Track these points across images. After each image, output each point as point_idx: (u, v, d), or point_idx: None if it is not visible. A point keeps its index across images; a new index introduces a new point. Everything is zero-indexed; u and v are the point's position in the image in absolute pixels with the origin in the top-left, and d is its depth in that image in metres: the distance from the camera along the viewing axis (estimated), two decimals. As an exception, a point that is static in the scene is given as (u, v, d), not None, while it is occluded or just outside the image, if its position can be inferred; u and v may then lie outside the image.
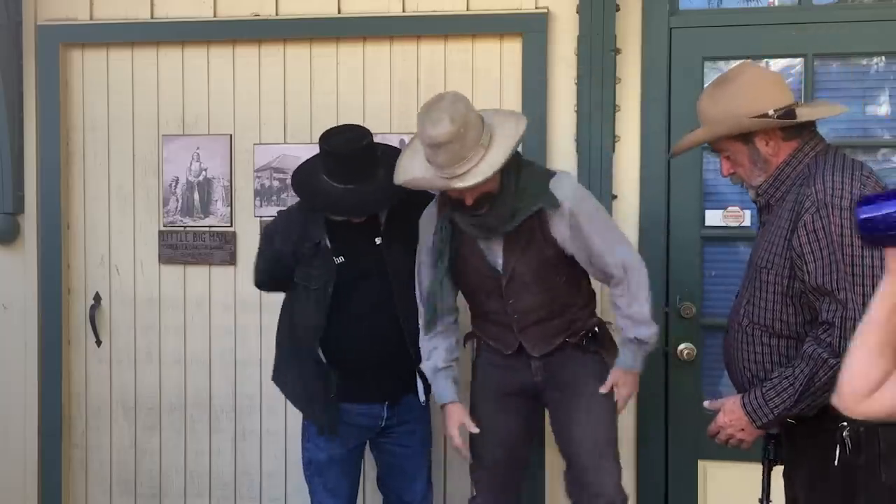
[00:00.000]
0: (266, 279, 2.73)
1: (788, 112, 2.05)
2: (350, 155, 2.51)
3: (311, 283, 2.58)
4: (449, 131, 2.25)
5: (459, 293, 2.65)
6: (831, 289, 1.89)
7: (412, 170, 2.41)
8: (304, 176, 2.63)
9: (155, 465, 3.36)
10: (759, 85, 2.10)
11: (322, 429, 2.64)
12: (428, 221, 2.59)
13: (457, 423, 2.58)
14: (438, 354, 2.60)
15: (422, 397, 2.70)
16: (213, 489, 3.34)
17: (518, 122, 2.41)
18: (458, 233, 2.50)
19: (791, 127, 2.06)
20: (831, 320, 1.89)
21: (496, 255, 2.50)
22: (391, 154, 2.64)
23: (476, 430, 2.56)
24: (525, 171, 2.46)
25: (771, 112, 2.03)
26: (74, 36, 3.31)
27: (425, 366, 2.62)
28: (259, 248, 2.74)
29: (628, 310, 2.47)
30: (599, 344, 2.58)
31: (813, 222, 1.91)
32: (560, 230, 2.43)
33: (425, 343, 2.61)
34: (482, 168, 2.30)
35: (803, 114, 2.08)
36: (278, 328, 2.76)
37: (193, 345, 3.32)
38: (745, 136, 2.07)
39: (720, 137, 2.11)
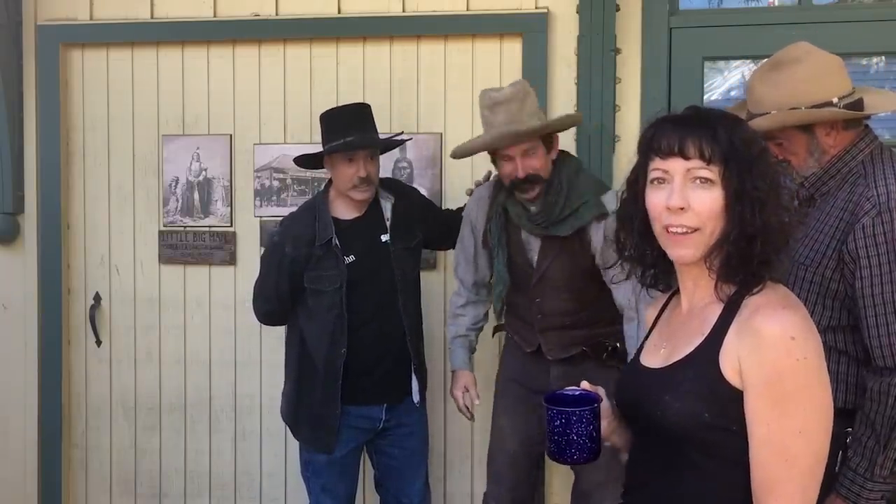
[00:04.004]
0: (276, 304, 2.65)
1: (857, 102, 1.90)
2: (358, 107, 2.63)
3: (324, 285, 2.57)
4: (510, 91, 2.41)
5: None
6: (883, 301, 1.79)
7: (469, 144, 2.52)
8: (314, 153, 2.66)
9: (155, 465, 3.36)
10: (825, 69, 1.93)
11: (328, 447, 2.64)
12: (478, 204, 2.66)
13: (461, 387, 2.69)
14: (463, 322, 2.73)
15: (416, 397, 2.70)
16: (213, 489, 3.34)
17: (574, 114, 2.65)
18: (506, 221, 2.57)
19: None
20: (879, 339, 1.79)
21: (534, 251, 2.54)
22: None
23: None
24: (582, 175, 2.53)
25: (835, 100, 1.89)
26: (74, 36, 3.31)
27: (448, 330, 2.76)
28: (262, 273, 2.68)
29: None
30: (620, 359, 2.54)
31: (873, 227, 1.80)
32: (597, 239, 2.44)
33: (456, 311, 2.75)
34: (534, 124, 2.40)
35: (874, 104, 1.93)
36: (286, 362, 2.75)
37: (193, 345, 3.32)
38: (806, 125, 1.92)
39: (787, 127, 1.94)
